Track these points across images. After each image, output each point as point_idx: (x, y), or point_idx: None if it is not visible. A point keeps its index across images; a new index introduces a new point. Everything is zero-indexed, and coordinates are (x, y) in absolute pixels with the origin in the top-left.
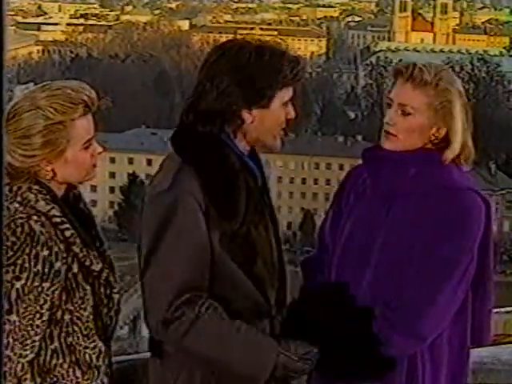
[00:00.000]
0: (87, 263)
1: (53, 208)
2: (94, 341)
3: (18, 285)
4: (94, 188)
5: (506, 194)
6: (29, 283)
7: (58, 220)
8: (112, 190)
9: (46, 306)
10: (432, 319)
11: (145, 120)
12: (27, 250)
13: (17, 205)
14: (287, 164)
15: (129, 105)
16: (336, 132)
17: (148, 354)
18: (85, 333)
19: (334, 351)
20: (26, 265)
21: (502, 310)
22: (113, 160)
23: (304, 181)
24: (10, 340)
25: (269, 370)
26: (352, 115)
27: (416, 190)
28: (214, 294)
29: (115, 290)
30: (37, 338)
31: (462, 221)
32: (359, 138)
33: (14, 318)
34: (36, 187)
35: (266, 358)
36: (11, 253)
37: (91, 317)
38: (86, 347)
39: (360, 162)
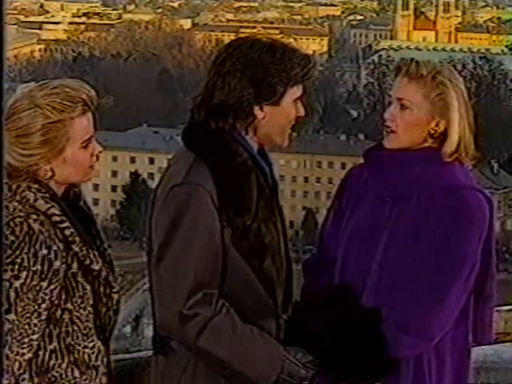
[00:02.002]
0: (87, 262)
1: (52, 207)
2: (92, 340)
3: (16, 284)
4: (96, 187)
5: (509, 193)
6: (27, 282)
7: (58, 219)
8: (114, 188)
9: (44, 305)
10: (439, 319)
11: (147, 119)
12: (26, 249)
13: (16, 203)
14: (289, 163)
15: (131, 103)
16: (338, 131)
17: (150, 353)
18: (84, 332)
19: (338, 352)
20: (25, 264)
21: (504, 308)
22: (115, 159)
23: (306, 179)
24: (9, 339)
25: (275, 374)
26: (354, 114)
27: (419, 189)
28: (223, 290)
29: (114, 290)
30: (35, 337)
31: (467, 220)
32: (361, 136)
33: (12, 316)
34: (35, 186)
35: (273, 363)
36: (10, 252)
37: (90, 316)
38: (85, 347)
39: (362, 161)
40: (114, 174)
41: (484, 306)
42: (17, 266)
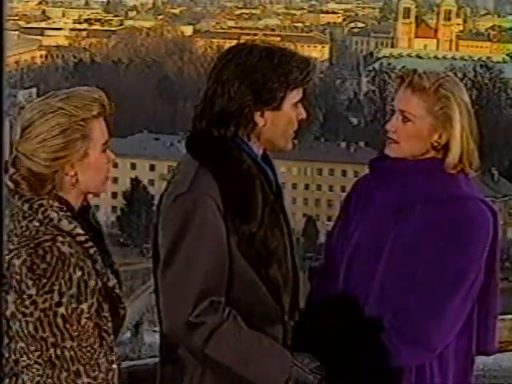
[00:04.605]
0: (104, 279)
1: (76, 227)
2: (114, 354)
3: (61, 310)
4: None
5: (509, 201)
6: (70, 307)
7: (82, 238)
8: (114, 195)
9: (90, 324)
10: (441, 330)
11: (148, 125)
12: (61, 274)
13: (37, 223)
14: (290, 170)
15: (132, 110)
16: (339, 138)
17: (150, 360)
18: (109, 346)
19: (341, 362)
20: (63, 289)
21: (509, 316)
22: (115, 165)
23: (307, 187)
24: (80, 367)
25: (282, 380)
26: (355, 121)
27: (423, 200)
28: (230, 297)
29: (122, 305)
30: (96, 355)
31: (470, 231)
32: (362, 143)
33: (69, 343)
34: (56, 204)
35: (280, 369)
36: (45, 280)
37: (111, 331)
38: (106, 361)
39: (363, 168)
40: (115, 180)
41: (487, 316)
42: (56, 294)
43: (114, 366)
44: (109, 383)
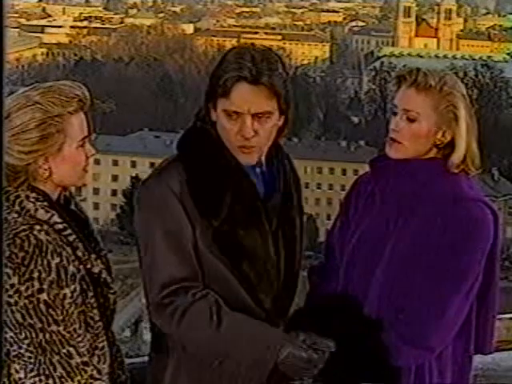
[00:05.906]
0: (88, 266)
1: (53, 215)
2: (102, 341)
3: (43, 296)
4: (96, 191)
5: (509, 200)
6: (52, 292)
7: (61, 226)
8: (114, 192)
9: (74, 310)
10: (441, 331)
11: (148, 123)
12: (39, 261)
13: (15, 215)
14: None
15: (132, 108)
16: (339, 137)
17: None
18: (96, 332)
19: (340, 361)
20: (43, 276)
21: (507, 316)
22: (116, 163)
23: (307, 185)
24: (71, 349)
25: (270, 355)
26: (355, 120)
27: (424, 201)
28: (210, 289)
29: (111, 291)
30: (89, 335)
31: (472, 233)
32: (362, 142)
33: (55, 328)
34: (33, 195)
35: (266, 345)
36: (24, 268)
37: (97, 318)
38: (96, 348)
39: (363, 167)
40: (115, 178)
41: (486, 316)
42: (36, 281)
43: (104, 351)
44: (98, 368)
